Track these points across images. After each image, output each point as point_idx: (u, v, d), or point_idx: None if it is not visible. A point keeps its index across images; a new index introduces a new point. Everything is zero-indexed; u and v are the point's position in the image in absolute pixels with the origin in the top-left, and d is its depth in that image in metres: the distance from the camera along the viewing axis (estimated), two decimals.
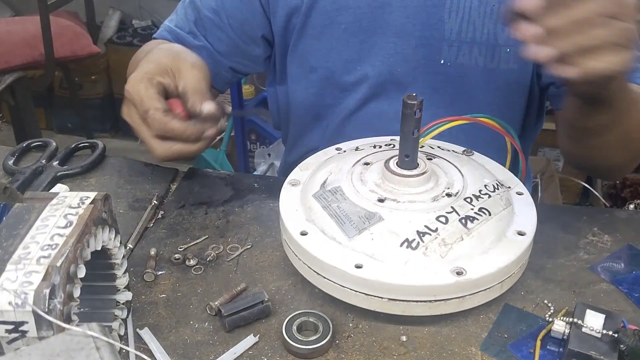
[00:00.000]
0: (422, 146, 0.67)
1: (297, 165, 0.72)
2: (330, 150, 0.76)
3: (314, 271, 0.59)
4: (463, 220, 0.59)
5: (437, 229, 0.59)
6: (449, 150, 0.72)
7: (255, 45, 0.93)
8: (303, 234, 0.61)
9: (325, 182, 0.66)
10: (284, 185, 0.68)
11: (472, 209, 0.61)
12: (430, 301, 0.56)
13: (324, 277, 0.59)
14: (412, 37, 0.86)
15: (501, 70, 0.86)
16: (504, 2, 0.81)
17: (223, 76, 0.94)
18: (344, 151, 0.75)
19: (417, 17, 0.85)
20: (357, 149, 0.74)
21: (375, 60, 0.87)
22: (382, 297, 0.57)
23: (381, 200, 0.62)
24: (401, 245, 0.58)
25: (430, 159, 0.68)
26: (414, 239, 0.58)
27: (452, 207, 0.61)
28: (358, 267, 0.56)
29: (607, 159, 0.80)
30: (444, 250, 0.57)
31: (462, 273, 0.56)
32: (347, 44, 0.88)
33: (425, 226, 0.59)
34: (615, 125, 0.72)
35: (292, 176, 0.69)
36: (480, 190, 0.63)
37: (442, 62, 0.86)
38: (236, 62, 0.94)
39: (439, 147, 0.73)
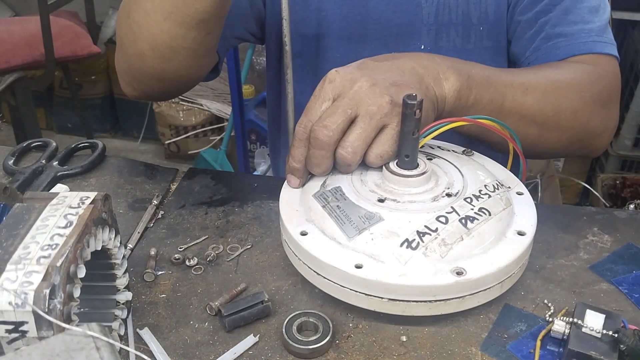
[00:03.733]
0: (422, 146, 0.67)
1: None
2: None
3: (314, 271, 0.59)
4: (463, 220, 0.59)
5: (437, 229, 0.59)
6: (449, 150, 0.72)
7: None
8: (303, 234, 0.61)
9: (325, 182, 0.66)
10: (284, 185, 0.68)
11: (472, 209, 0.61)
12: (430, 301, 0.56)
13: (324, 277, 0.59)
14: (393, 25, 0.87)
15: (477, 49, 0.88)
16: None
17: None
18: None
19: (396, 5, 0.86)
20: None
21: (357, 48, 0.88)
22: (382, 297, 0.57)
23: (381, 201, 0.62)
24: (401, 245, 0.58)
25: (430, 159, 0.68)
26: (414, 239, 0.58)
27: (452, 207, 0.61)
28: (358, 267, 0.56)
29: (540, 146, 0.80)
30: (444, 250, 0.57)
31: (462, 273, 0.56)
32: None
33: (425, 226, 0.59)
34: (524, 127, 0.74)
35: None
36: (480, 190, 0.63)
37: (422, 47, 0.88)
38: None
39: (439, 147, 0.73)
